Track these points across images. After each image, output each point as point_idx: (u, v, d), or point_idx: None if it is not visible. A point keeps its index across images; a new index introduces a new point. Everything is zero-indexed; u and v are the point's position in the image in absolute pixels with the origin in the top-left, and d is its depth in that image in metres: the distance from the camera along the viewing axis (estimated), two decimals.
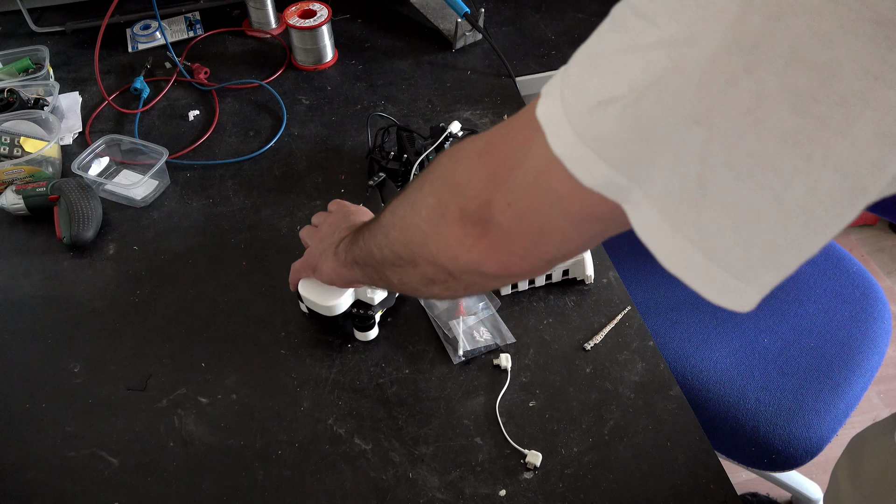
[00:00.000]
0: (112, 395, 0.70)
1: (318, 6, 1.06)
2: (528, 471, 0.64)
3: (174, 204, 0.88)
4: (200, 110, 1.01)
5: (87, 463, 0.66)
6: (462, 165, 0.42)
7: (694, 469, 0.64)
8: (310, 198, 0.88)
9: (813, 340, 0.95)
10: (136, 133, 0.97)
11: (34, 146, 0.90)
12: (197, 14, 1.18)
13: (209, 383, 0.71)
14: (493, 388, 0.70)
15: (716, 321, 0.97)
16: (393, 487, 0.63)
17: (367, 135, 0.96)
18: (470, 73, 1.06)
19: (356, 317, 0.71)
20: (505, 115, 0.99)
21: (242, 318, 0.76)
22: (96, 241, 0.84)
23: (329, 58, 1.08)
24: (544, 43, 1.12)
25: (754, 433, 0.88)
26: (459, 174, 0.42)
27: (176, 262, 0.82)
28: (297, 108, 1.01)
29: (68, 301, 0.78)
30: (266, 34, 1.14)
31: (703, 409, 0.90)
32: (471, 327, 0.73)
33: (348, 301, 0.70)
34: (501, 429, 0.67)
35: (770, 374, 0.91)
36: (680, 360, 0.93)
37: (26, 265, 0.82)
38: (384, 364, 0.72)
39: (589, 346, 0.73)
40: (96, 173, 0.90)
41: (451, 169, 0.43)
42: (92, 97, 1.04)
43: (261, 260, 0.82)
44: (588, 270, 0.76)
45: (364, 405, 0.69)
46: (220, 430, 0.67)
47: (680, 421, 0.67)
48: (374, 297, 0.70)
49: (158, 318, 0.77)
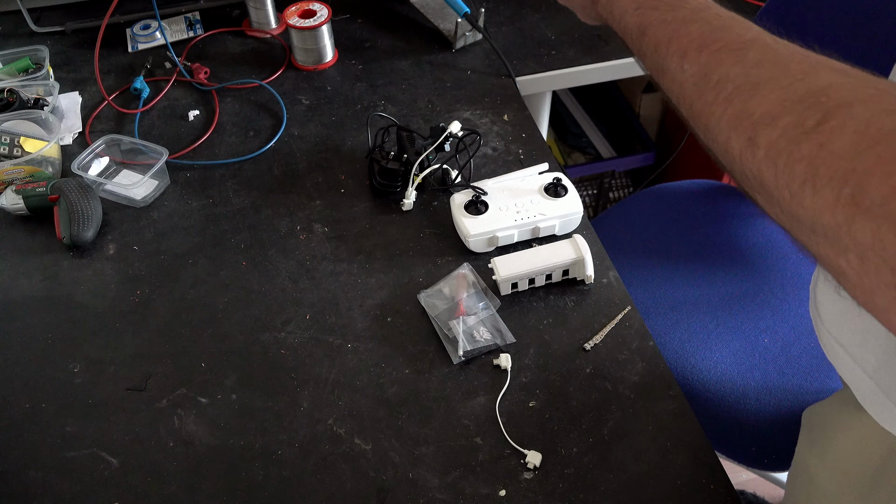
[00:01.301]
0: (112, 395, 0.70)
1: (318, 6, 1.06)
2: (528, 471, 0.64)
3: (174, 204, 0.88)
4: (200, 110, 1.01)
5: (87, 463, 0.66)
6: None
7: (694, 469, 0.64)
8: (310, 198, 0.88)
9: (813, 340, 0.95)
10: (136, 133, 0.98)
11: (34, 146, 0.90)
12: (197, 14, 1.18)
13: (209, 383, 0.71)
14: (493, 388, 0.70)
15: (716, 321, 0.97)
16: (393, 487, 0.63)
17: (367, 135, 0.96)
18: (470, 73, 1.06)
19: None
20: (505, 115, 0.99)
21: (242, 318, 0.76)
22: (96, 241, 0.84)
23: (329, 58, 1.08)
24: (544, 43, 1.12)
25: (754, 433, 0.88)
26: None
27: (176, 262, 0.82)
28: (297, 108, 1.01)
29: (68, 301, 0.78)
30: (266, 34, 1.14)
31: (703, 409, 0.90)
32: (471, 327, 0.73)
33: None
34: (501, 429, 0.67)
35: (770, 374, 0.91)
36: (680, 360, 0.93)
37: (26, 265, 0.82)
38: (384, 364, 0.72)
39: (589, 346, 0.73)
40: (96, 173, 0.90)
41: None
42: (92, 97, 1.04)
43: (261, 260, 0.82)
44: (588, 270, 0.76)
45: (364, 405, 0.69)
46: (220, 430, 0.67)
47: (680, 421, 0.67)
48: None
49: (158, 318, 0.77)
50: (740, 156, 0.38)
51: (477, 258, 0.81)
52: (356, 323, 0.75)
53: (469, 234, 0.79)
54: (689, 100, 0.42)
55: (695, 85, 0.41)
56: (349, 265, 0.81)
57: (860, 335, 0.54)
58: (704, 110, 0.40)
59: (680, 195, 1.17)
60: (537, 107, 1.29)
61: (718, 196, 1.16)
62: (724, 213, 1.13)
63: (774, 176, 0.36)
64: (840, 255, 0.33)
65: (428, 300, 0.76)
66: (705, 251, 1.07)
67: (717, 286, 1.02)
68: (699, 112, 0.41)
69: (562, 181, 0.83)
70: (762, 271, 1.04)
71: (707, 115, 0.40)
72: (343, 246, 0.83)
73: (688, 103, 0.42)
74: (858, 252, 0.32)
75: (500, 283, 0.76)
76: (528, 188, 0.83)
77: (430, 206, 0.87)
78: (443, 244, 0.83)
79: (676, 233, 1.10)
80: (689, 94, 0.42)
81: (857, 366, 0.55)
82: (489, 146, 0.94)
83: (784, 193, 0.35)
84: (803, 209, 0.34)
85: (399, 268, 0.80)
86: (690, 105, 0.42)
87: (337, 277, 0.80)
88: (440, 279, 0.78)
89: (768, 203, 0.38)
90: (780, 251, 1.06)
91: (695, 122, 0.42)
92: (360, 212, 0.87)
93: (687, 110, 0.43)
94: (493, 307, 0.75)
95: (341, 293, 0.78)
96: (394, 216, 0.86)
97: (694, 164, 1.73)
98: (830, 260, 0.35)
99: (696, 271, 1.04)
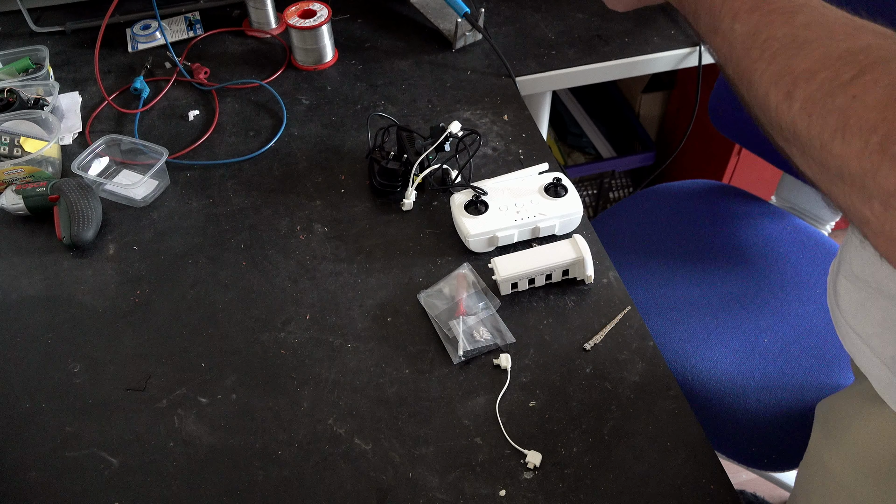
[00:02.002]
0: (112, 395, 0.70)
1: (318, 6, 1.06)
2: (528, 471, 0.64)
3: (174, 204, 0.88)
4: (200, 110, 1.01)
5: (87, 463, 0.66)
6: None
7: (694, 469, 0.64)
8: (310, 198, 0.88)
9: (813, 340, 0.95)
10: (136, 133, 0.98)
11: (34, 146, 0.90)
12: (197, 14, 1.18)
13: (209, 383, 0.71)
14: (493, 388, 0.70)
15: (716, 321, 0.97)
16: (393, 487, 0.63)
17: (367, 135, 0.96)
18: (470, 73, 1.06)
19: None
20: (505, 115, 0.99)
21: (242, 318, 0.76)
22: (96, 241, 0.84)
23: (329, 58, 1.08)
24: (544, 43, 1.12)
25: (754, 433, 0.88)
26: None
27: (176, 262, 0.82)
28: (297, 108, 1.01)
29: (68, 301, 0.78)
30: (266, 34, 1.14)
31: (703, 409, 0.90)
32: (471, 327, 0.73)
33: None
34: (501, 429, 0.67)
35: (770, 374, 0.91)
36: (680, 360, 0.93)
37: (26, 265, 0.82)
38: (384, 364, 0.72)
39: (589, 346, 0.73)
40: (96, 173, 0.90)
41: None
42: (92, 97, 1.04)
43: (261, 260, 0.82)
44: (588, 270, 0.76)
45: (364, 405, 0.69)
46: (220, 430, 0.67)
47: (680, 421, 0.67)
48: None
49: (158, 318, 0.77)
50: (777, 108, 0.40)
51: (477, 258, 0.81)
52: (356, 323, 0.75)
53: (469, 234, 0.79)
54: (736, 58, 0.44)
55: (742, 43, 0.44)
56: (349, 265, 0.81)
57: (879, 326, 0.54)
58: (749, 67, 0.43)
59: (680, 195, 1.17)
60: (537, 107, 1.29)
61: (718, 196, 1.16)
62: (724, 213, 1.13)
63: (808, 126, 0.38)
64: (865, 203, 0.36)
65: (428, 300, 0.76)
66: (705, 251, 1.07)
67: (717, 286, 1.02)
68: (745, 69, 0.43)
69: (562, 181, 0.83)
70: (762, 271, 1.04)
71: (751, 72, 0.43)
72: (343, 246, 0.83)
73: (735, 61, 0.45)
74: (882, 199, 0.34)
75: (500, 283, 0.76)
76: (528, 188, 0.83)
77: (430, 206, 0.87)
78: (443, 244, 0.83)
79: (676, 233, 1.10)
80: (737, 51, 0.44)
81: (876, 357, 0.55)
82: (489, 146, 0.94)
83: (815, 143, 0.37)
84: (833, 158, 0.36)
85: (399, 268, 0.80)
86: (737, 63, 0.44)
87: (337, 277, 0.80)
88: (440, 279, 0.78)
89: (801, 154, 0.40)
90: (780, 251, 1.06)
91: (739, 79, 0.45)
92: (360, 212, 0.87)
93: (733, 68, 0.45)
94: (493, 307, 0.75)
95: (341, 293, 0.78)
96: (394, 216, 0.86)
97: (694, 164, 1.73)
98: (855, 208, 0.37)
99: (696, 271, 1.04)
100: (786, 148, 0.42)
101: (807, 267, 1.04)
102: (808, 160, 0.40)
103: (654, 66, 1.11)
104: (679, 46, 1.10)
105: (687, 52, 1.10)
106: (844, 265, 0.59)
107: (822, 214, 1.17)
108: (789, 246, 1.07)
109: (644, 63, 1.10)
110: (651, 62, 1.10)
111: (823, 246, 1.07)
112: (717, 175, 1.61)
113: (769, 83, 0.41)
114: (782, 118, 0.40)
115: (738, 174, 1.59)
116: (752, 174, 1.59)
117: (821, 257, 1.05)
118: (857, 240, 0.56)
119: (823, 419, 0.65)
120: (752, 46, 0.43)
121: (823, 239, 1.09)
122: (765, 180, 1.56)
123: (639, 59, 1.09)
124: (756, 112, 0.44)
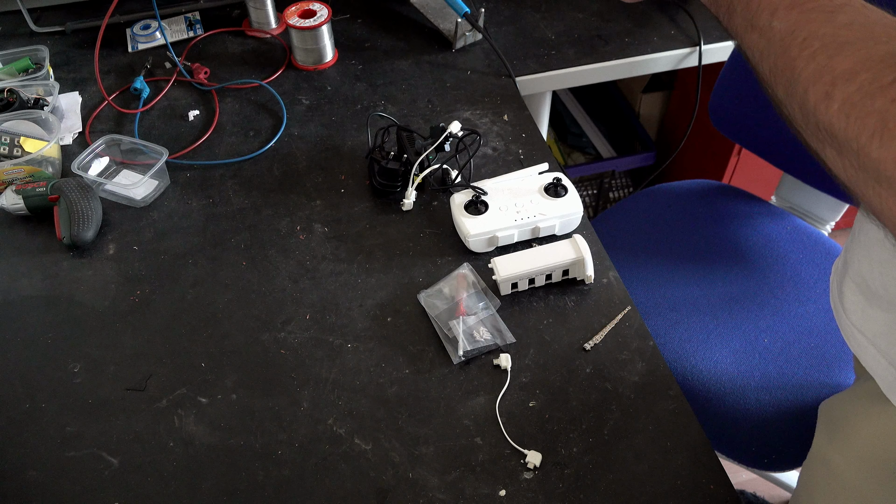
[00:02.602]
0: (112, 395, 0.70)
1: (318, 6, 1.06)
2: (528, 471, 0.64)
3: (174, 204, 0.89)
4: (200, 110, 1.01)
5: (87, 463, 0.66)
6: None
7: (694, 469, 0.64)
8: (310, 198, 0.88)
9: (813, 340, 0.95)
10: (136, 133, 0.98)
11: (34, 146, 0.90)
12: (197, 14, 1.18)
13: (209, 383, 0.71)
14: (493, 388, 0.70)
15: (716, 321, 0.97)
16: (393, 487, 0.63)
17: (367, 135, 0.96)
18: (470, 73, 1.06)
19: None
20: (505, 115, 0.99)
21: (242, 318, 0.76)
22: (96, 241, 0.84)
23: (329, 58, 1.08)
24: (544, 43, 1.12)
25: (754, 433, 0.88)
26: None
27: (176, 262, 0.82)
28: (297, 108, 1.01)
29: (68, 301, 0.78)
30: (266, 34, 1.14)
31: (703, 409, 0.90)
32: (471, 327, 0.73)
33: None
34: (501, 429, 0.67)
35: (770, 374, 0.91)
36: (680, 360, 0.93)
37: (26, 265, 0.82)
38: (384, 364, 0.72)
39: (589, 346, 0.73)
40: (96, 173, 0.90)
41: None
42: (92, 97, 1.04)
43: (261, 260, 0.82)
44: (588, 270, 0.76)
45: (364, 405, 0.69)
46: (220, 430, 0.67)
47: (680, 421, 0.67)
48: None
49: (158, 318, 0.77)
50: (815, 108, 0.40)
51: (477, 258, 0.81)
52: (356, 323, 0.75)
53: (469, 234, 0.79)
54: (773, 54, 0.44)
55: (781, 41, 0.43)
56: (349, 265, 0.81)
57: (886, 326, 0.54)
58: (788, 65, 0.42)
59: (680, 195, 1.17)
60: (537, 107, 1.29)
61: (718, 196, 1.16)
62: (724, 213, 1.13)
63: (845, 128, 0.38)
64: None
65: (428, 300, 0.76)
66: (705, 251, 1.07)
67: (717, 286, 1.02)
68: (783, 66, 0.43)
69: (562, 181, 0.83)
70: (762, 271, 1.04)
71: (790, 70, 0.42)
72: (343, 246, 0.83)
73: (772, 58, 0.44)
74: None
75: (500, 283, 0.76)
76: (528, 188, 0.83)
77: (430, 206, 0.87)
78: (443, 244, 0.83)
79: (676, 233, 1.10)
80: (775, 48, 0.44)
81: (883, 357, 0.55)
82: (489, 146, 0.94)
83: (853, 145, 0.37)
84: (869, 160, 0.36)
85: (399, 268, 0.80)
86: (775, 60, 0.44)
87: (337, 277, 0.80)
88: (440, 279, 0.78)
89: (836, 155, 0.40)
90: (780, 251, 1.06)
91: (775, 77, 0.44)
92: (360, 212, 0.87)
93: (770, 66, 0.45)
94: (493, 307, 0.75)
95: (341, 293, 0.78)
96: (394, 216, 0.86)
97: (694, 164, 1.73)
98: (892, 212, 0.37)
99: (696, 271, 1.04)
100: (819, 150, 0.42)
101: (807, 267, 1.04)
102: (843, 162, 0.40)
103: (654, 66, 1.11)
104: (679, 46, 1.10)
105: (687, 52, 1.10)
106: (853, 269, 0.59)
107: (822, 214, 1.17)
108: (789, 246, 1.07)
109: (644, 63, 1.10)
110: (651, 62, 1.10)
111: (823, 246, 1.07)
112: (717, 175, 1.61)
113: (808, 82, 0.40)
114: (820, 117, 0.40)
115: (738, 174, 1.59)
116: (752, 174, 1.59)
117: (821, 257, 1.05)
118: (870, 248, 0.56)
119: (827, 419, 0.65)
120: (791, 44, 0.42)
121: (823, 239, 1.09)
122: (765, 180, 1.56)
123: (639, 59, 1.09)
124: (791, 111, 0.43)
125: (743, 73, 1.06)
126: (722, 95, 1.11)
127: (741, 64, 1.06)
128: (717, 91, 1.11)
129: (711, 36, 1.11)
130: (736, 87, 1.07)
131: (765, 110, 1.04)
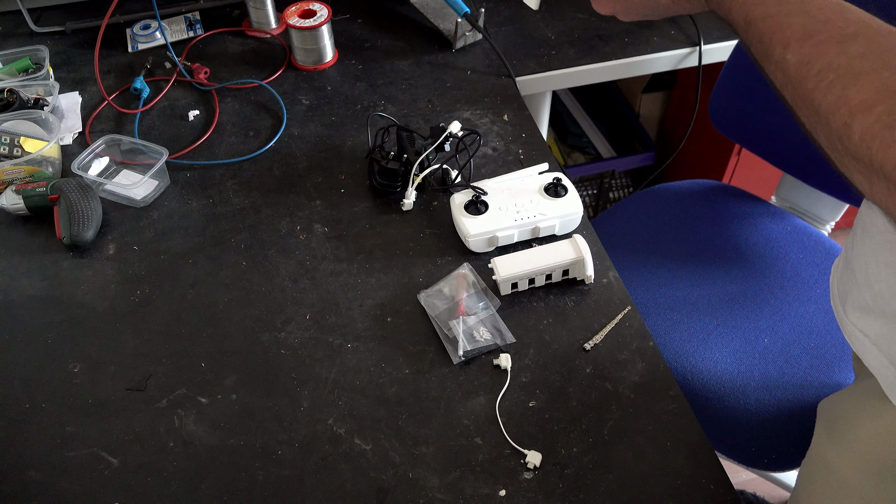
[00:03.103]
0: (112, 395, 0.70)
1: (318, 6, 1.06)
2: (528, 471, 0.64)
3: (174, 204, 0.89)
4: (200, 110, 1.01)
5: (87, 463, 0.66)
6: None
7: (694, 469, 0.64)
8: (310, 198, 0.88)
9: (813, 340, 0.95)
10: (136, 133, 0.98)
11: (34, 146, 0.90)
12: (197, 14, 1.18)
13: (209, 383, 0.71)
14: (493, 388, 0.70)
15: (716, 321, 0.97)
16: (393, 487, 0.63)
17: (367, 135, 0.96)
18: (470, 73, 1.06)
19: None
20: (505, 115, 0.99)
21: (242, 318, 0.76)
22: (96, 241, 0.84)
23: (329, 58, 1.08)
24: (544, 43, 1.12)
25: (754, 433, 0.88)
26: None
27: (176, 262, 0.82)
28: (297, 108, 1.01)
29: (68, 301, 0.78)
30: (266, 34, 1.14)
31: (703, 409, 0.90)
32: (471, 327, 0.73)
33: None
34: (501, 429, 0.67)
35: (770, 374, 0.91)
36: (680, 360, 0.93)
37: (26, 265, 0.82)
38: (384, 364, 0.72)
39: (589, 346, 0.73)
40: (96, 173, 0.90)
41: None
42: (92, 97, 1.04)
43: (261, 260, 0.82)
44: (588, 270, 0.76)
45: (364, 405, 0.69)
46: (220, 430, 0.67)
47: (680, 421, 0.67)
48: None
49: (158, 318, 0.77)
50: (838, 137, 0.41)
51: (477, 258, 0.81)
52: (356, 323, 0.75)
53: (469, 234, 0.79)
54: (791, 86, 0.45)
55: (797, 73, 0.44)
56: (349, 265, 0.81)
57: (887, 326, 0.54)
58: (806, 97, 0.43)
59: (680, 195, 1.17)
60: (537, 107, 1.29)
61: (718, 196, 1.16)
62: (724, 213, 1.13)
63: (870, 157, 0.38)
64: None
65: (428, 300, 0.76)
66: (705, 251, 1.07)
67: (717, 286, 1.02)
68: (802, 97, 0.44)
69: (562, 181, 0.83)
70: (762, 271, 1.04)
71: (808, 101, 0.43)
72: (343, 246, 0.83)
73: (790, 90, 0.45)
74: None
75: (500, 283, 0.76)
76: (528, 188, 0.83)
77: (430, 206, 0.87)
78: (443, 244, 0.83)
79: (676, 233, 1.10)
80: (791, 80, 0.45)
81: (884, 356, 0.55)
82: (489, 146, 0.94)
83: (878, 172, 0.38)
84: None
85: (399, 268, 0.80)
86: (793, 92, 0.45)
87: (337, 277, 0.80)
88: (440, 279, 0.78)
89: (866, 181, 0.41)
90: (780, 251, 1.06)
91: (797, 106, 0.46)
92: (360, 212, 0.87)
93: (790, 95, 0.46)
94: (493, 307, 0.75)
95: (341, 293, 0.78)
96: (394, 216, 0.86)
97: (694, 164, 1.73)
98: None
99: (696, 271, 1.04)
100: (849, 175, 0.43)
101: (807, 267, 1.04)
102: (873, 187, 0.40)
103: (654, 66, 1.11)
104: (679, 46, 1.10)
105: (687, 52, 1.10)
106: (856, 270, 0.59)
107: (822, 214, 1.17)
108: (789, 246, 1.07)
109: (644, 63, 1.10)
110: (651, 62, 1.10)
111: (823, 246, 1.07)
112: (717, 175, 1.61)
113: (827, 113, 0.41)
114: (845, 145, 0.41)
115: (738, 174, 1.59)
116: (752, 174, 1.59)
117: (821, 257, 1.05)
118: (877, 251, 0.56)
119: (826, 418, 0.65)
120: (807, 76, 0.43)
121: (823, 239, 1.09)
122: (765, 180, 1.56)
123: (639, 59, 1.09)
124: (818, 138, 0.44)
125: (743, 73, 1.06)
126: (722, 95, 1.11)
127: (741, 64, 1.06)
128: (716, 91, 1.11)
129: (711, 36, 1.11)
130: (736, 88, 1.07)
131: (765, 110, 1.04)
